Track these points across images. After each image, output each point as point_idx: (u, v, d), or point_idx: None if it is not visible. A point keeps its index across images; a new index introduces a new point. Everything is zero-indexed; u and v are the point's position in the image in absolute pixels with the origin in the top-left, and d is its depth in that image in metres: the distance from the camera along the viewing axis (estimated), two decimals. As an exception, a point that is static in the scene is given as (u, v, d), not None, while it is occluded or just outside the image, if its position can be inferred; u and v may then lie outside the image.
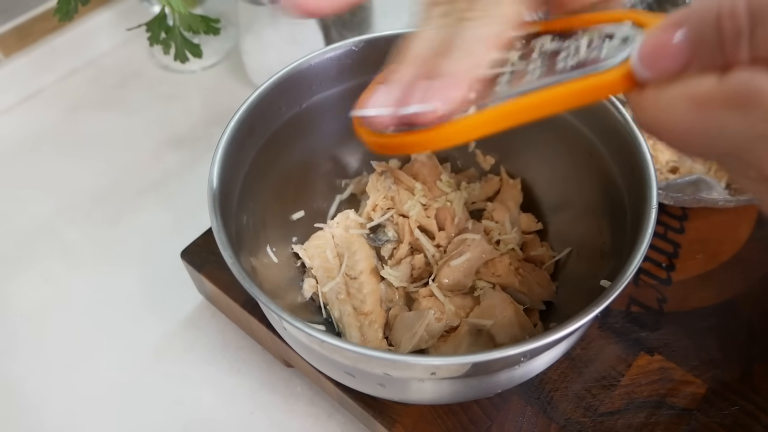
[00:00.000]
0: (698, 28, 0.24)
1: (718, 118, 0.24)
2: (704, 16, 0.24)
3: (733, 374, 0.50)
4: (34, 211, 0.69)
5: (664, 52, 0.25)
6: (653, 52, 0.26)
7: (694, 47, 0.24)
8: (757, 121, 0.23)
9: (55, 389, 0.56)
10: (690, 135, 0.25)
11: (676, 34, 0.25)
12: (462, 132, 0.31)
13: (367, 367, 0.38)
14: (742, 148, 0.24)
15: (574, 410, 0.48)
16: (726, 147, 0.24)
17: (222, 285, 0.54)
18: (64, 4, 0.59)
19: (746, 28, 0.23)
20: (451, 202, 0.52)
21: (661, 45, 0.25)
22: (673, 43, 0.25)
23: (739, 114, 0.23)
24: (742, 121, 0.23)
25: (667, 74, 0.25)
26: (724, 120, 0.24)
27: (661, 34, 0.25)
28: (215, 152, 0.44)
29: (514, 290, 0.50)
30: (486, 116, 0.31)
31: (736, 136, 0.24)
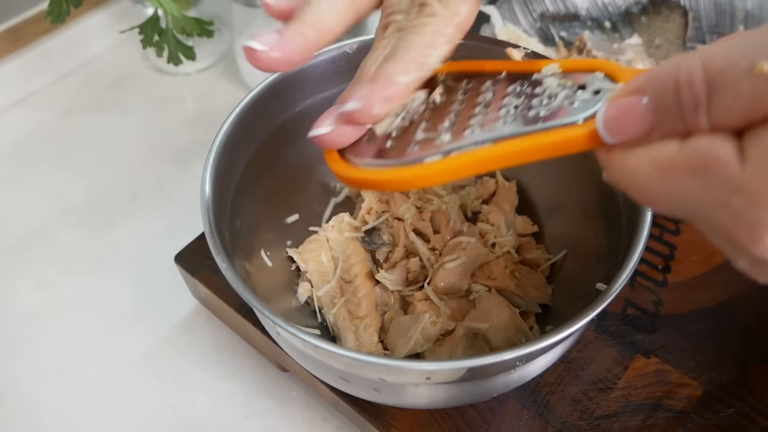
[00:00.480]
0: (659, 95, 0.25)
1: (679, 183, 0.25)
2: (663, 84, 0.25)
3: (729, 376, 0.50)
4: (26, 216, 0.69)
5: (626, 119, 0.26)
6: (616, 118, 0.26)
7: (655, 113, 0.25)
8: (715, 187, 0.23)
9: (48, 395, 0.56)
10: (655, 197, 0.26)
11: (638, 100, 0.25)
12: (433, 175, 0.32)
13: (361, 372, 0.38)
14: (705, 213, 0.24)
15: (571, 413, 0.48)
16: (691, 210, 0.25)
17: (216, 289, 0.54)
18: (56, 6, 0.58)
19: (704, 98, 0.23)
20: (447, 205, 0.52)
21: (624, 111, 0.26)
22: (635, 109, 0.25)
23: (699, 181, 0.24)
24: (702, 187, 0.24)
25: (630, 140, 0.26)
26: (686, 185, 0.24)
27: (624, 101, 0.26)
28: (208, 156, 0.44)
29: (509, 293, 0.50)
30: (456, 162, 0.31)
31: (698, 202, 0.24)
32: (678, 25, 0.68)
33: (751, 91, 0.22)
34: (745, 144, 0.23)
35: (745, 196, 0.23)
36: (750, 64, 0.22)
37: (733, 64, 0.23)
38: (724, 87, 0.23)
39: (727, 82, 0.23)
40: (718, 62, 0.23)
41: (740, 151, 0.23)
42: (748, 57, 0.22)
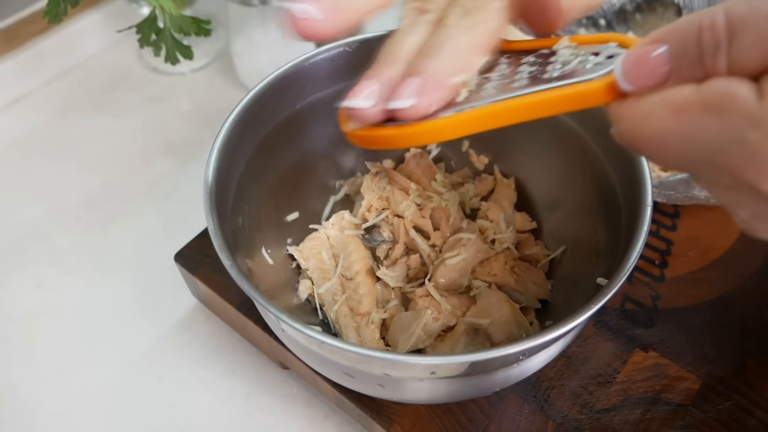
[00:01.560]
0: (680, 41, 0.25)
1: (695, 124, 0.25)
2: (686, 30, 0.25)
3: (726, 369, 0.51)
4: (23, 216, 0.69)
5: (646, 64, 0.26)
6: (636, 64, 0.27)
7: (675, 60, 0.26)
8: (732, 124, 0.24)
9: (48, 396, 0.56)
10: (668, 142, 0.26)
11: (658, 47, 0.26)
12: (446, 128, 0.32)
13: (366, 367, 0.38)
14: (717, 152, 0.25)
15: (571, 407, 0.49)
16: (702, 153, 0.25)
17: (217, 287, 0.54)
18: (53, 6, 0.58)
19: (724, 41, 0.24)
20: (446, 202, 0.53)
21: (644, 58, 0.27)
22: (655, 55, 0.26)
23: (716, 118, 0.24)
24: (718, 125, 0.24)
25: (648, 86, 0.27)
26: (701, 125, 0.25)
27: (644, 48, 0.27)
28: (210, 154, 0.44)
29: (509, 289, 0.50)
30: (470, 115, 0.31)
31: (712, 139, 0.25)
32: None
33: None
34: (762, 85, 0.24)
35: (762, 129, 0.23)
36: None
37: (755, 10, 0.24)
38: (745, 30, 0.24)
39: (748, 25, 0.24)
40: (740, 8, 0.24)
41: (758, 91, 0.24)
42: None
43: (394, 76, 0.34)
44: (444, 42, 0.34)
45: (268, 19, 0.71)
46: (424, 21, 0.36)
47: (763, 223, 0.27)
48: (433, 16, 0.36)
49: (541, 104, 0.30)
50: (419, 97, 0.32)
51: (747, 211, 0.27)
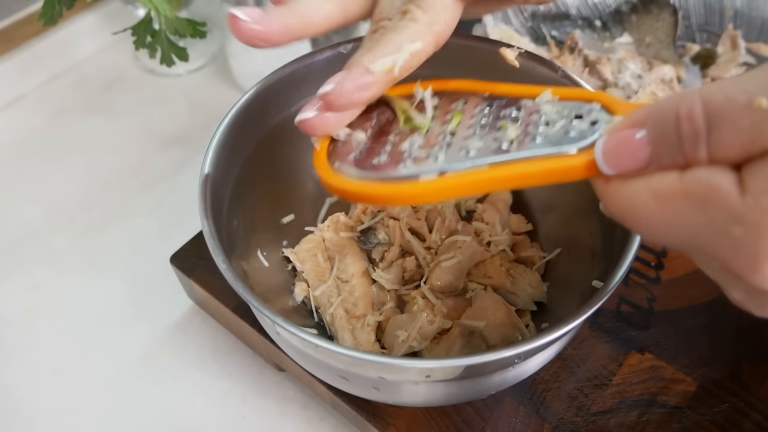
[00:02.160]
0: (658, 128, 0.25)
1: (680, 213, 0.25)
2: (663, 118, 0.25)
3: (722, 372, 0.51)
4: (19, 217, 0.69)
5: (625, 151, 0.26)
6: (616, 150, 0.27)
7: (654, 146, 0.26)
8: (715, 217, 0.24)
9: (43, 397, 0.56)
10: (653, 227, 0.26)
11: (637, 133, 0.26)
12: (427, 193, 0.32)
13: (361, 370, 0.38)
14: (704, 243, 0.25)
15: (567, 410, 0.48)
16: (689, 240, 0.25)
17: (212, 290, 0.54)
18: (48, 8, 0.58)
19: (703, 131, 0.24)
20: (442, 205, 0.52)
21: (623, 143, 0.27)
22: (634, 141, 0.26)
23: (699, 210, 0.24)
24: (702, 216, 0.24)
25: (629, 171, 0.26)
26: (685, 215, 0.25)
27: (623, 133, 0.27)
28: (205, 157, 0.44)
29: (505, 291, 0.50)
30: (451, 182, 0.31)
31: (697, 230, 0.25)
32: (668, 24, 0.69)
33: (750, 126, 0.23)
34: (744, 176, 0.24)
35: (746, 225, 0.23)
36: (748, 99, 0.23)
37: (732, 100, 0.23)
38: (723, 121, 0.24)
39: (725, 116, 0.24)
40: (717, 97, 0.24)
41: (740, 183, 0.24)
42: (746, 92, 0.23)
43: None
44: (374, 40, 0.35)
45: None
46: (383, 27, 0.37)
47: (757, 301, 0.26)
48: (382, 31, 0.37)
49: (522, 177, 0.30)
50: (341, 82, 0.34)
51: (740, 293, 0.27)
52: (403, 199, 0.33)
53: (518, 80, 0.37)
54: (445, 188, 0.31)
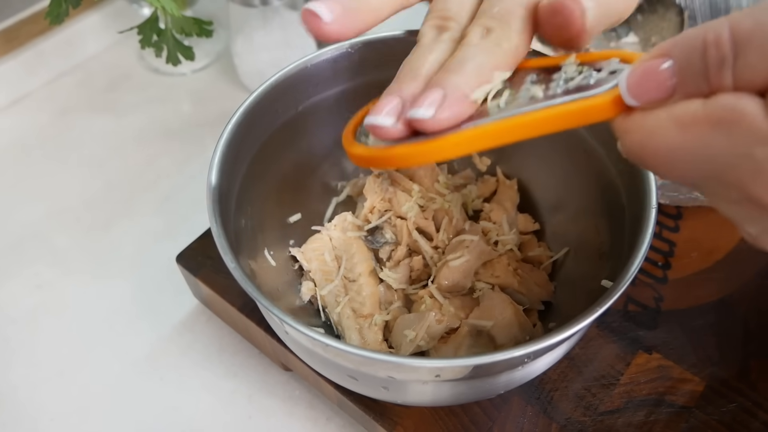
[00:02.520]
0: (685, 56, 0.25)
1: (702, 139, 0.25)
2: (690, 45, 0.25)
3: (730, 371, 0.50)
4: (24, 217, 0.69)
5: (651, 79, 0.26)
6: (641, 78, 0.27)
7: (680, 75, 0.25)
8: (740, 141, 0.24)
9: (48, 397, 0.56)
10: (675, 157, 0.26)
11: (663, 62, 0.26)
12: (459, 144, 0.32)
13: (370, 370, 0.38)
14: (725, 167, 0.25)
15: (575, 410, 0.48)
16: (710, 168, 0.25)
17: (219, 289, 0.54)
18: (55, 6, 0.58)
19: (730, 56, 0.24)
20: (449, 204, 0.52)
21: (648, 73, 0.26)
22: (660, 70, 0.26)
23: (723, 134, 0.24)
24: (726, 140, 0.24)
25: (654, 100, 0.26)
26: (708, 140, 0.25)
27: (649, 63, 0.26)
28: (213, 157, 0.44)
29: (512, 291, 0.50)
30: (477, 132, 0.31)
31: (719, 155, 0.25)
32: (674, 24, 0.69)
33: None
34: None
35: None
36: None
37: (760, 25, 0.23)
38: (751, 46, 0.23)
39: (753, 41, 0.23)
40: (745, 23, 0.24)
41: (766, 107, 0.23)
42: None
43: (415, 92, 0.34)
44: (466, 60, 0.34)
45: (269, 20, 0.71)
46: (446, 39, 0.36)
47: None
48: (454, 34, 0.36)
49: (547, 120, 0.30)
50: (440, 109, 0.32)
51: (756, 227, 0.27)
52: (427, 154, 0.32)
53: None
54: (467, 139, 0.31)
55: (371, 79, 0.52)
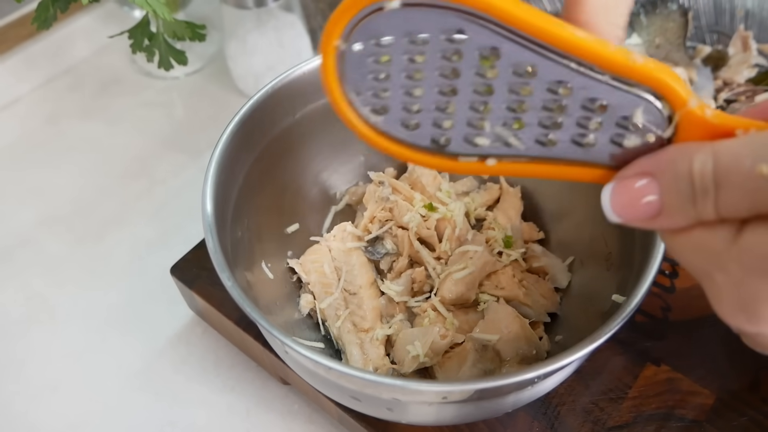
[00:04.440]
0: (672, 180, 0.26)
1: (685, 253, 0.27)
2: (678, 171, 0.25)
3: (740, 383, 0.49)
4: (14, 225, 0.67)
5: (630, 198, 0.27)
6: (620, 198, 0.27)
7: (667, 196, 0.26)
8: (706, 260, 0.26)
9: (42, 413, 0.54)
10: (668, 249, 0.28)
11: (640, 180, 0.27)
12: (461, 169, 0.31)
13: (374, 392, 0.37)
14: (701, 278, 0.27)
15: (582, 425, 0.47)
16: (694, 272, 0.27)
17: (214, 301, 0.52)
18: (42, 11, 0.56)
19: (712, 189, 0.24)
20: (452, 213, 0.51)
21: (627, 191, 0.27)
22: (637, 188, 0.27)
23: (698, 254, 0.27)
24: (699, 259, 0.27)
25: (636, 221, 0.27)
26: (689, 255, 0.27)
27: (632, 185, 0.27)
28: (208, 168, 0.42)
29: (518, 303, 0.49)
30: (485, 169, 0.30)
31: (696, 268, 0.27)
32: (678, 25, 0.67)
33: (753, 190, 0.23)
34: (743, 230, 0.25)
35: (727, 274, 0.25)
36: (752, 163, 0.23)
37: (738, 162, 0.24)
38: (729, 185, 0.24)
39: (732, 181, 0.24)
40: (726, 158, 0.24)
41: (735, 234, 0.25)
42: (752, 155, 0.23)
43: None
44: None
45: (263, 22, 0.69)
46: None
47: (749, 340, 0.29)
48: None
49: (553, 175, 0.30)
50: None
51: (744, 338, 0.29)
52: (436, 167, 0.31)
53: None
54: (478, 170, 0.30)
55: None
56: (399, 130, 0.30)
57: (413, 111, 0.29)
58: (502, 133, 0.30)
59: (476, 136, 0.30)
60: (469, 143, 0.30)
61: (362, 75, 0.28)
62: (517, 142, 0.30)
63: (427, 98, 0.29)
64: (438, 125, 0.30)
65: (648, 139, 0.28)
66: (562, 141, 0.29)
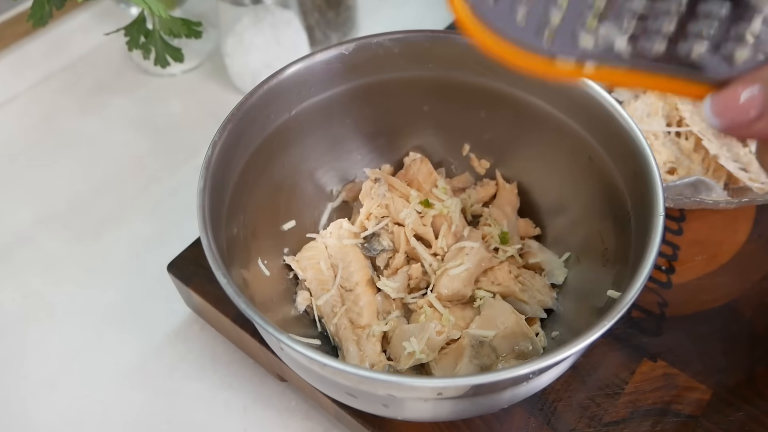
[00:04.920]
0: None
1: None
2: None
3: (737, 378, 0.49)
4: (11, 223, 0.67)
5: (732, 109, 0.27)
6: (722, 108, 0.28)
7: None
8: None
9: (39, 411, 0.54)
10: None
11: (744, 91, 0.27)
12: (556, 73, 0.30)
13: (370, 388, 0.36)
14: None
15: (579, 420, 0.47)
16: None
17: (211, 299, 0.52)
18: (38, 8, 0.56)
19: None
20: (448, 209, 0.51)
21: (729, 103, 0.27)
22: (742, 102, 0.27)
23: None
24: None
25: (738, 126, 0.27)
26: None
27: (737, 90, 0.27)
28: (203, 165, 0.42)
29: (514, 299, 0.49)
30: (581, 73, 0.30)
31: None
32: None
33: None
34: None
35: None
36: None
37: None
38: None
39: None
40: None
41: None
42: None
43: None
44: None
45: (260, 19, 0.69)
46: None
47: None
48: None
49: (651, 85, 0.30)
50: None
51: None
52: (532, 69, 0.30)
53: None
54: (574, 73, 0.30)
55: (367, 81, 0.51)
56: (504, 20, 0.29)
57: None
58: (611, 32, 0.29)
59: (584, 32, 0.29)
60: (574, 41, 0.29)
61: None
62: (624, 47, 0.29)
63: None
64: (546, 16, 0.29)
65: (759, 54, 0.28)
66: (670, 51, 0.29)
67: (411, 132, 0.55)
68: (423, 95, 0.53)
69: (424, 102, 0.53)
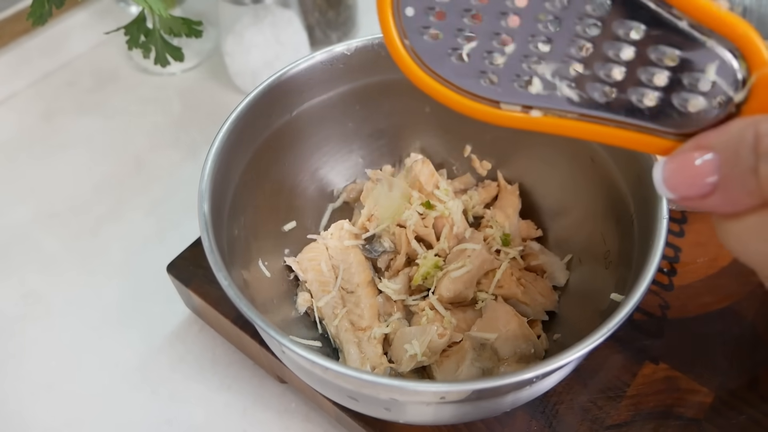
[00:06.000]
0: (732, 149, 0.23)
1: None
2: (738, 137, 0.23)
3: (739, 381, 0.49)
4: (9, 221, 0.66)
5: (687, 175, 0.25)
6: (675, 175, 0.25)
7: (725, 169, 0.23)
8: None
9: (37, 411, 0.54)
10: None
11: (701, 155, 0.24)
12: (502, 120, 0.29)
13: (372, 392, 0.36)
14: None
15: (581, 423, 0.47)
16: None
17: (211, 300, 0.52)
18: (37, 7, 0.56)
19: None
20: (449, 211, 0.51)
21: (684, 167, 0.25)
22: (696, 165, 0.24)
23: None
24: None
25: (690, 198, 0.25)
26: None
27: (690, 159, 0.25)
28: (204, 165, 0.42)
29: (516, 301, 0.48)
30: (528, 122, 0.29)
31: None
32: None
33: None
34: None
35: None
36: None
37: None
38: None
39: None
40: None
41: None
42: None
43: None
44: None
45: (260, 18, 0.69)
46: None
47: None
48: None
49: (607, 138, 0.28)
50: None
51: None
52: (475, 115, 0.29)
53: None
54: (520, 122, 0.29)
55: (368, 82, 0.51)
56: (445, 62, 0.28)
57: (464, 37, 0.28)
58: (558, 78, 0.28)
59: (529, 77, 0.28)
60: (519, 85, 0.28)
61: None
62: (571, 93, 0.28)
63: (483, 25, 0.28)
64: (490, 58, 0.28)
65: (715, 103, 0.25)
66: (619, 98, 0.27)
67: (412, 133, 0.55)
68: (424, 96, 0.52)
69: (426, 103, 0.53)
